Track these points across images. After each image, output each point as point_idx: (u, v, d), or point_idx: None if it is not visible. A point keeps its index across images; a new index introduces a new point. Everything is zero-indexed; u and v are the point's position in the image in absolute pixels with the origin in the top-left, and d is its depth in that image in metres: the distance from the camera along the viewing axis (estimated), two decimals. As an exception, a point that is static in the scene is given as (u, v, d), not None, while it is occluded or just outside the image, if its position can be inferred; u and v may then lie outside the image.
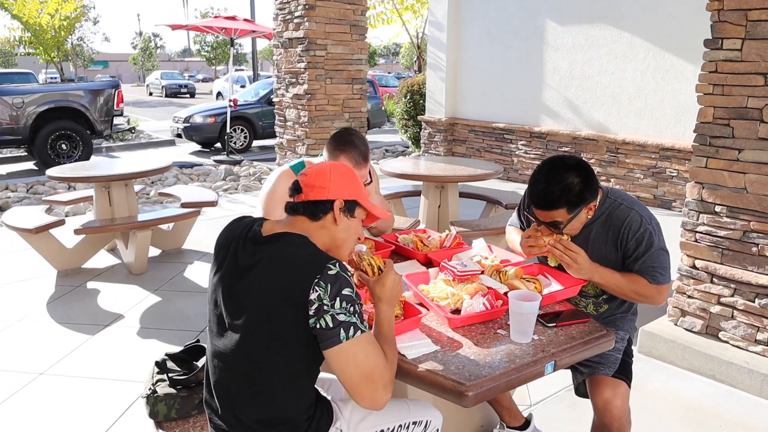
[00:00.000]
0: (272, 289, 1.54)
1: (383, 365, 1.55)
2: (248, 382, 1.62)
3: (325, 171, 1.71)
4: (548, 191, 2.09)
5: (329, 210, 1.69)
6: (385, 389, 1.55)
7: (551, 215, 2.12)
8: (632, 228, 2.15)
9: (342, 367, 1.52)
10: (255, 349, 1.58)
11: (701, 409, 3.12)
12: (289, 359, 1.57)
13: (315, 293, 1.50)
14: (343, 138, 2.59)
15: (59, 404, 3.17)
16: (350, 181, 1.74)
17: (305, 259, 1.56)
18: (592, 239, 2.24)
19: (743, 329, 3.33)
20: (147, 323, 4.16)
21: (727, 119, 3.28)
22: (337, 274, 1.53)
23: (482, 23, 9.87)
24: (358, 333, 1.51)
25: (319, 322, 1.50)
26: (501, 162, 9.60)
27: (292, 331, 1.53)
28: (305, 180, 1.71)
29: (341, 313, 1.50)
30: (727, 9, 3.21)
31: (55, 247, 5.11)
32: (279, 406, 1.62)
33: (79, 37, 34.88)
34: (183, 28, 12.37)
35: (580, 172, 2.10)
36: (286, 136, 6.93)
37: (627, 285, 2.16)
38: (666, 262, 2.18)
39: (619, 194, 2.27)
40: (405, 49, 32.05)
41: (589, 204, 2.14)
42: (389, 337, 1.67)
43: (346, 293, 1.52)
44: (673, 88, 7.41)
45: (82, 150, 10.93)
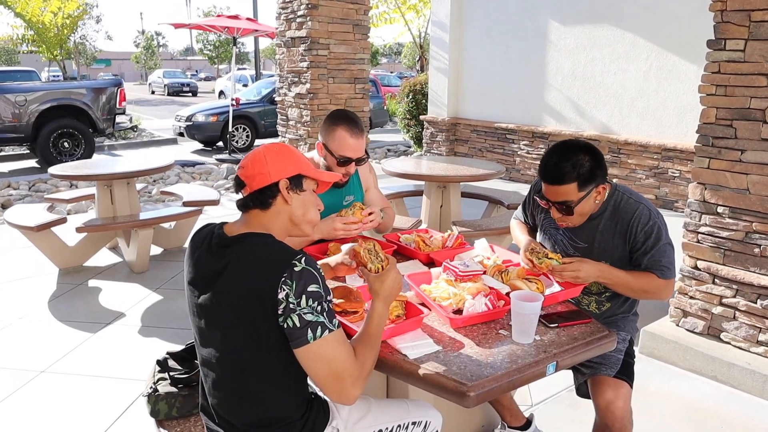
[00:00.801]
0: (243, 291, 1.53)
1: (352, 363, 1.53)
2: (235, 387, 1.62)
3: (260, 156, 1.68)
4: (560, 166, 2.10)
5: (277, 193, 1.66)
6: (355, 385, 1.54)
7: (562, 192, 2.12)
8: (641, 221, 2.16)
9: (310, 365, 1.52)
10: (235, 352, 1.58)
11: (702, 410, 3.11)
12: (270, 359, 1.57)
13: (282, 292, 1.48)
14: (336, 113, 2.65)
15: (60, 402, 3.18)
16: (287, 157, 1.70)
17: (271, 258, 1.54)
18: (600, 231, 2.25)
19: (745, 330, 3.32)
20: (148, 322, 4.16)
21: (730, 120, 3.28)
22: (302, 270, 1.51)
23: (485, 23, 9.87)
24: (326, 333, 1.50)
25: (287, 322, 1.49)
26: (503, 162, 9.59)
27: (266, 331, 1.52)
28: (244, 172, 1.68)
29: (308, 312, 1.49)
30: (730, 10, 3.20)
31: (56, 245, 5.11)
32: (268, 407, 1.61)
33: (81, 36, 34.87)
34: (186, 26, 12.37)
35: (591, 153, 2.13)
36: (288, 135, 6.93)
37: (635, 282, 2.16)
38: (672, 256, 2.20)
39: (627, 189, 2.29)
40: (407, 49, 32.01)
41: (598, 185, 2.15)
42: (373, 335, 1.65)
43: (312, 290, 1.50)
44: (676, 88, 7.40)
45: (84, 148, 10.95)
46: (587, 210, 2.20)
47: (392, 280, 1.73)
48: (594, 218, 2.26)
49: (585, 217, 2.23)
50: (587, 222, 2.27)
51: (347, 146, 2.58)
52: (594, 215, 2.26)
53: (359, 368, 1.56)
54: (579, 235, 2.31)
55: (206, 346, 1.66)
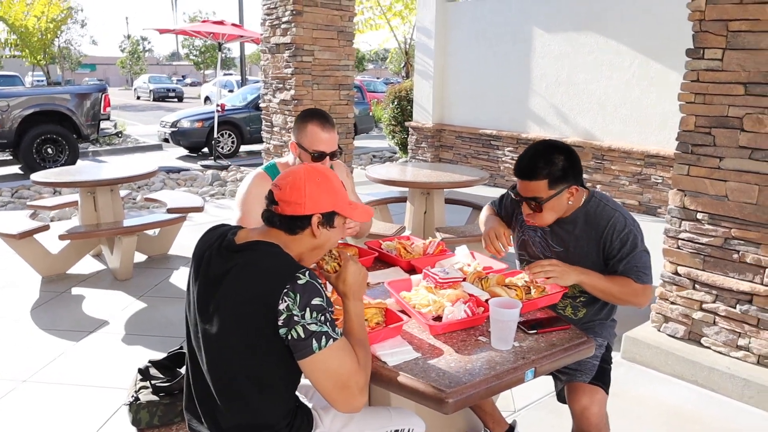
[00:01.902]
0: (244, 298, 1.54)
1: (356, 370, 1.55)
2: (225, 390, 1.62)
3: (300, 185, 1.64)
4: (533, 161, 2.15)
5: (307, 225, 1.65)
6: (361, 393, 1.55)
7: (532, 188, 2.16)
8: (616, 228, 2.19)
9: (317, 376, 1.53)
10: (230, 357, 1.59)
11: (683, 414, 3.15)
12: (264, 367, 1.58)
13: (284, 303, 1.49)
14: (306, 111, 2.69)
15: (42, 412, 3.15)
16: (326, 191, 1.67)
17: (275, 269, 1.55)
18: (576, 236, 2.28)
19: (725, 335, 3.36)
20: (132, 329, 4.14)
21: (709, 128, 3.32)
22: (306, 283, 1.51)
23: (470, 30, 9.93)
24: (331, 341, 1.51)
25: (290, 333, 1.49)
26: (487, 168, 9.64)
27: (264, 339, 1.53)
28: (280, 194, 1.65)
29: (312, 323, 1.49)
30: (708, 19, 3.25)
31: (39, 253, 5.07)
32: (256, 413, 1.62)
33: (66, 40, 34.68)
34: (171, 32, 12.37)
35: (566, 154, 2.17)
36: (273, 141, 6.93)
37: (613, 286, 2.18)
38: (648, 262, 2.22)
39: (603, 196, 2.32)
40: (393, 55, 32.10)
41: (570, 186, 2.17)
42: (361, 335, 1.67)
43: (316, 303, 1.51)
44: (658, 95, 7.48)
45: (68, 154, 10.86)
46: (558, 210, 2.22)
47: (352, 274, 1.72)
48: (569, 223, 2.28)
49: (555, 217, 2.25)
50: (563, 226, 2.30)
51: (320, 140, 2.61)
52: (569, 220, 2.28)
53: (364, 374, 1.57)
54: (555, 240, 2.34)
55: (199, 346, 1.66)
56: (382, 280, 2.35)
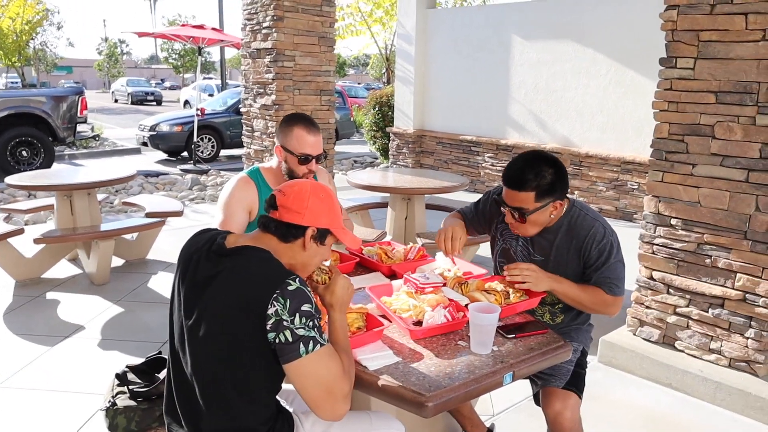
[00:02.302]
0: (232, 302, 1.55)
1: (341, 377, 1.56)
2: (207, 393, 1.62)
3: (305, 195, 1.68)
4: (523, 171, 2.16)
5: (300, 235, 1.67)
6: (344, 401, 1.56)
7: (519, 198, 2.18)
8: (596, 239, 2.22)
9: (302, 381, 1.54)
10: (214, 360, 1.59)
11: (658, 417, 3.20)
12: (248, 371, 1.58)
13: (273, 308, 1.50)
14: (291, 116, 2.73)
15: (16, 418, 3.10)
16: (327, 209, 1.71)
17: (266, 274, 1.56)
18: (557, 245, 2.30)
19: (698, 338, 3.43)
20: (108, 335, 4.10)
21: (682, 135, 3.39)
22: (296, 289, 1.54)
23: (450, 37, 10.00)
24: (318, 347, 1.53)
25: (278, 337, 1.51)
26: (468, 174, 9.70)
27: (250, 343, 1.54)
28: (282, 200, 1.68)
29: (301, 328, 1.51)
30: (680, 29, 3.32)
31: (13, 257, 4.99)
32: (238, 417, 1.62)
33: (41, 42, 34.20)
34: (150, 35, 12.27)
35: (555, 168, 2.19)
36: (253, 146, 6.91)
37: (584, 296, 2.22)
38: (622, 274, 2.26)
39: (584, 206, 2.35)
40: (374, 60, 32.17)
41: (556, 201, 2.20)
42: (344, 345, 1.69)
43: (306, 309, 1.53)
44: (634, 103, 7.60)
45: (43, 157, 10.71)
46: (540, 222, 2.25)
47: (341, 288, 1.76)
48: (551, 232, 2.31)
49: (537, 229, 2.28)
50: (544, 236, 2.32)
51: (306, 143, 2.63)
52: (551, 230, 2.31)
53: (348, 382, 1.59)
54: (536, 248, 2.36)
55: (183, 348, 1.66)
56: (363, 285, 2.37)
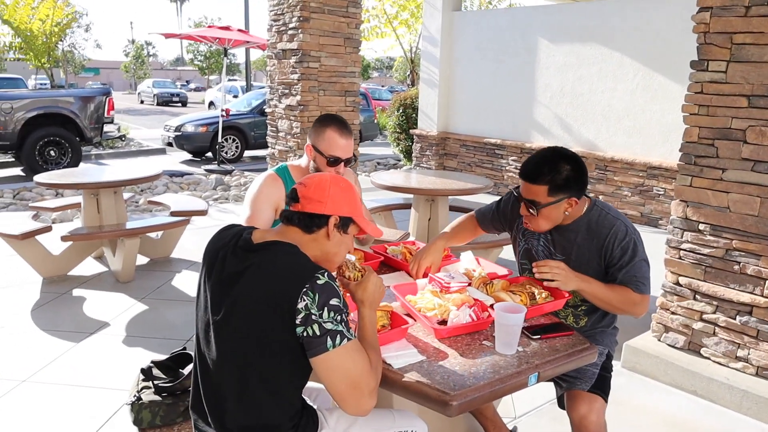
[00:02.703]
0: (260, 297, 1.55)
1: (368, 372, 1.56)
2: (234, 389, 1.63)
3: (325, 184, 1.70)
4: (539, 165, 2.17)
5: (324, 225, 1.69)
6: (371, 396, 1.56)
7: (533, 191, 2.18)
8: (618, 237, 2.20)
9: (329, 375, 1.54)
10: (242, 355, 1.59)
11: (681, 424, 3.15)
12: (275, 367, 1.59)
13: (303, 302, 1.51)
14: (326, 116, 2.73)
15: (42, 412, 3.15)
16: (348, 198, 1.73)
17: (294, 268, 1.57)
18: (578, 244, 2.28)
19: (724, 346, 3.37)
20: (133, 331, 4.14)
21: (712, 139, 3.34)
22: (325, 284, 1.54)
23: (475, 39, 9.97)
24: (345, 341, 1.53)
25: (306, 331, 1.51)
26: (491, 177, 9.66)
27: (278, 338, 1.55)
28: (304, 191, 1.70)
29: (329, 321, 1.51)
30: (713, 32, 3.27)
31: (40, 254, 5.08)
32: (263, 413, 1.63)
33: (70, 44, 34.80)
34: (176, 37, 12.41)
35: (574, 164, 2.17)
36: (278, 146, 6.95)
37: (613, 295, 2.18)
38: (647, 272, 2.23)
39: (606, 205, 2.33)
40: (399, 63, 32.20)
41: (571, 198, 2.18)
42: (373, 342, 1.69)
43: (334, 303, 1.53)
44: (662, 107, 7.51)
45: (71, 157, 10.88)
46: (554, 218, 2.23)
47: (373, 285, 1.76)
48: (571, 231, 2.29)
49: (550, 225, 2.26)
50: (565, 235, 2.31)
51: (337, 146, 2.63)
52: (572, 228, 2.29)
53: (374, 376, 1.59)
54: (557, 247, 2.35)
55: (209, 345, 1.67)
56: (387, 284, 2.36)
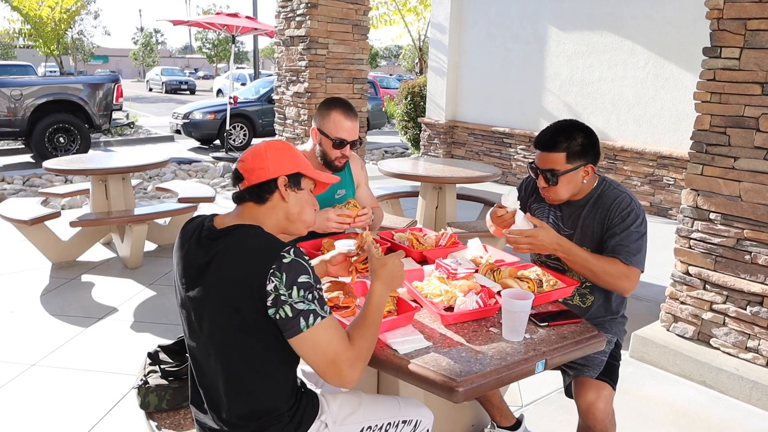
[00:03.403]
0: (230, 282, 1.54)
1: (345, 347, 1.54)
2: (223, 379, 1.62)
3: (261, 151, 1.69)
4: (554, 134, 2.24)
5: (274, 189, 1.68)
6: (353, 368, 1.54)
7: (551, 160, 2.23)
8: (620, 206, 2.24)
9: (307, 353, 1.53)
10: (224, 344, 1.59)
11: (690, 414, 3.13)
12: (258, 350, 1.58)
13: (271, 284, 1.49)
14: (330, 99, 2.73)
15: (51, 395, 3.17)
16: (288, 155, 1.71)
17: (259, 250, 1.55)
18: (584, 217, 2.32)
19: (734, 336, 3.34)
20: (141, 317, 4.16)
21: (724, 127, 3.30)
22: (291, 261, 1.52)
23: (484, 27, 9.90)
24: (318, 320, 1.51)
25: (278, 313, 1.50)
26: (499, 166, 9.62)
27: (253, 321, 1.53)
28: (243, 165, 1.69)
29: (300, 301, 1.50)
30: (726, 18, 3.22)
31: (50, 240, 5.10)
32: (256, 398, 1.62)
33: (79, 31, 34.85)
34: (185, 24, 12.38)
35: (587, 133, 2.25)
36: (285, 134, 6.93)
37: (595, 261, 2.18)
38: (642, 247, 2.21)
39: (615, 182, 2.37)
40: (406, 51, 32.06)
41: (587, 165, 2.24)
42: (371, 317, 1.65)
43: (303, 280, 1.51)
44: (672, 96, 7.44)
45: (79, 144, 10.91)
46: (572, 186, 2.27)
47: (393, 265, 1.76)
48: (580, 206, 2.32)
49: (569, 194, 2.29)
50: (574, 209, 2.34)
51: (342, 128, 2.64)
52: (580, 204, 2.32)
53: (356, 351, 1.56)
54: (565, 222, 2.38)
55: (195, 339, 1.66)
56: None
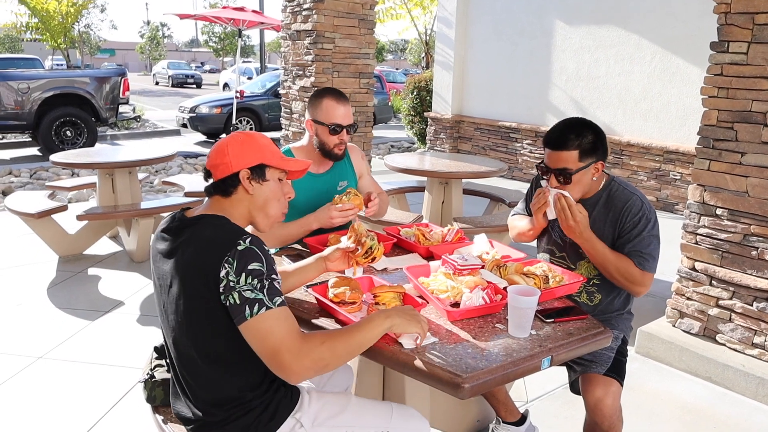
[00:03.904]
0: (190, 270, 1.57)
1: (291, 339, 1.51)
2: (189, 367, 1.65)
3: (223, 147, 1.71)
4: (564, 133, 2.24)
5: (238, 183, 1.70)
6: (295, 360, 1.50)
7: (563, 159, 2.22)
8: (632, 211, 2.24)
9: (251, 342, 1.53)
10: (188, 332, 1.62)
11: (696, 411, 3.13)
12: (218, 338, 1.59)
13: (224, 270, 1.51)
14: (319, 90, 2.76)
15: (58, 388, 3.19)
16: (249, 147, 1.72)
17: (217, 238, 1.57)
18: (594, 218, 2.31)
19: (740, 332, 3.33)
20: (147, 310, 4.17)
21: (731, 122, 3.28)
22: (245, 249, 1.53)
23: (491, 21, 9.86)
24: (263, 309, 1.51)
25: (229, 300, 1.52)
26: (506, 161, 9.59)
27: (213, 310, 1.55)
28: (208, 162, 1.73)
29: (247, 289, 1.51)
30: (734, 12, 3.20)
31: (57, 233, 5.12)
32: (221, 387, 1.64)
33: (86, 25, 34.86)
34: (191, 17, 12.39)
35: (595, 131, 2.25)
36: (291, 128, 6.93)
37: (613, 258, 2.22)
38: (655, 251, 2.24)
39: (624, 181, 2.37)
40: (413, 46, 31.97)
41: (597, 162, 2.24)
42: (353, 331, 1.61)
43: (253, 267, 1.52)
44: (679, 90, 7.40)
45: (86, 137, 10.94)
46: (584, 184, 2.27)
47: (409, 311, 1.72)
48: (589, 206, 2.31)
49: (581, 192, 2.30)
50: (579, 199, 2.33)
51: (336, 114, 2.66)
52: (589, 203, 2.32)
53: (307, 347, 1.52)
54: None
55: (166, 327, 1.70)
56: (400, 266, 2.36)
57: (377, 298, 1.91)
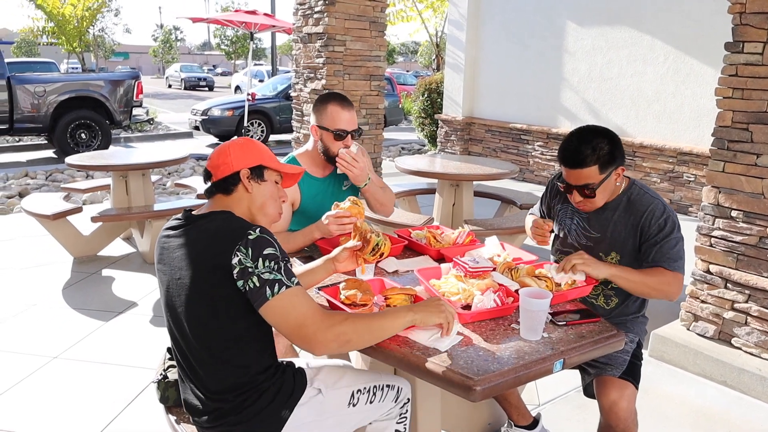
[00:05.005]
0: (200, 262, 1.64)
1: (313, 313, 1.60)
2: (201, 357, 1.70)
3: (225, 149, 1.82)
4: (580, 149, 2.16)
5: (238, 181, 1.79)
6: (320, 331, 1.58)
7: (584, 176, 2.17)
8: (655, 214, 2.21)
9: (275, 321, 1.61)
10: (199, 324, 1.67)
11: (711, 415, 3.10)
12: (229, 326, 1.66)
13: (236, 258, 1.59)
14: (324, 95, 2.76)
15: (72, 388, 3.22)
16: (249, 149, 1.83)
17: (227, 231, 1.65)
18: (614, 221, 2.29)
19: (756, 336, 3.30)
20: (160, 312, 4.19)
21: (746, 123, 3.25)
22: (257, 237, 1.62)
23: (502, 22, 9.84)
24: (283, 288, 1.59)
25: (247, 284, 1.58)
26: (517, 163, 9.56)
27: (224, 297, 1.62)
28: (210, 163, 1.82)
29: (266, 272, 1.59)
30: (749, 12, 3.18)
31: (72, 234, 5.17)
32: (233, 373, 1.69)
33: (100, 28, 35.08)
34: (204, 21, 12.47)
35: (608, 137, 2.20)
36: (302, 130, 6.95)
37: (648, 278, 2.16)
38: (682, 252, 2.21)
39: (644, 185, 2.35)
40: (423, 48, 31.97)
41: (618, 167, 2.21)
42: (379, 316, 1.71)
43: (268, 252, 1.61)
44: (693, 91, 7.34)
45: (101, 139, 11.04)
46: (608, 191, 2.25)
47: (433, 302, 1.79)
48: (609, 209, 2.30)
49: (605, 200, 2.28)
50: (602, 212, 2.32)
51: (341, 119, 2.67)
52: (610, 206, 2.30)
53: (331, 321, 1.61)
54: (593, 225, 2.35)
55: (175, 323, 1.74)
56: (411, 268, 2.35)
57: (388, 300, 1.92)
